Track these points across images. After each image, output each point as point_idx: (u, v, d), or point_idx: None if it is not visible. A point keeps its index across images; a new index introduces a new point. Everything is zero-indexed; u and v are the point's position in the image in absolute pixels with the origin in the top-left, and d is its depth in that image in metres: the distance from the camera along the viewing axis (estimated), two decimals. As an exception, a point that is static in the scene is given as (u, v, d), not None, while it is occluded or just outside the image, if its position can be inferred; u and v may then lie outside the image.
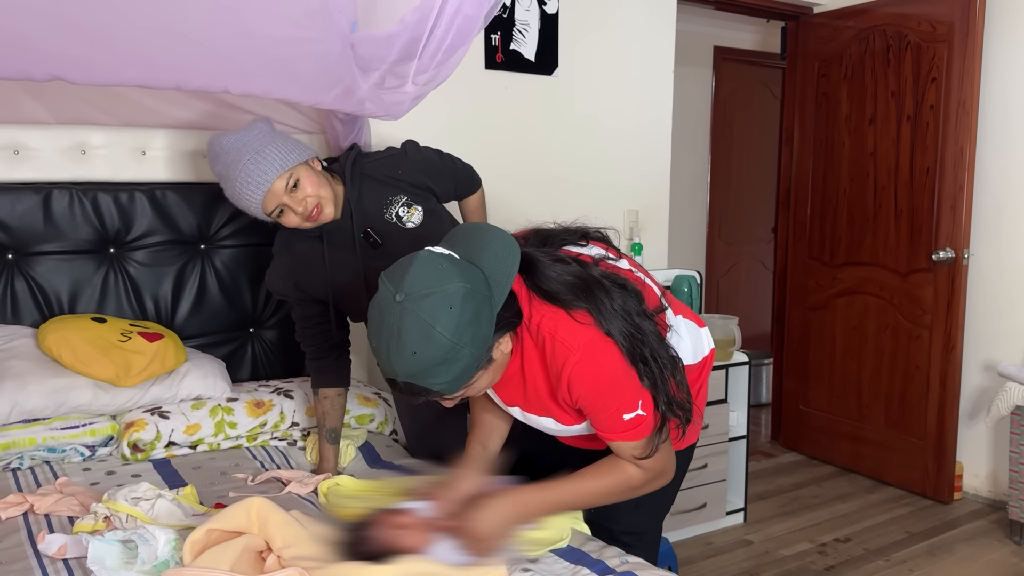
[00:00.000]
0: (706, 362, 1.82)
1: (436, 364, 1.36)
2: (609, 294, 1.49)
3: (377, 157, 2.17)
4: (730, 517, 3.56)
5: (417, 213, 2.12)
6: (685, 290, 3.45)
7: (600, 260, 1.60)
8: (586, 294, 1.48)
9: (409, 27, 1.76)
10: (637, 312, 1.51)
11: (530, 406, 1.64)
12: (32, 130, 2.42)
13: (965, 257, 3.69)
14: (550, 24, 3.31)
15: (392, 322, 1.37)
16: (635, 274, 1.67)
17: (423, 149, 2.23)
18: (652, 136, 3.68)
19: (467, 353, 1.37)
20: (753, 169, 5.88)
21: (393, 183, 2.13)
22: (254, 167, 1.91)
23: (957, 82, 3.63)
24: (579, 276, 1.51)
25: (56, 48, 1.62)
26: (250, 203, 1.96)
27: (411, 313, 1.35)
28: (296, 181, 1.96)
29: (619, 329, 1.48)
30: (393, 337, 1.37)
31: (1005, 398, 3.33)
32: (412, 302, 1.35)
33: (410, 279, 1.37)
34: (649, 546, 1.89)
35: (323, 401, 2.21)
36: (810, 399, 4.42)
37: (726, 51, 5.58)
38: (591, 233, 1.70)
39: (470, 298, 1.36)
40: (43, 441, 2.21)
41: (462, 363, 1.38)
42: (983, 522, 3.61)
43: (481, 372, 1.45)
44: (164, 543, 1.56)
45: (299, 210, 1.98)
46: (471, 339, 1.37)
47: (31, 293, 2.44)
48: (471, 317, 1.36)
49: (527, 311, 1.51)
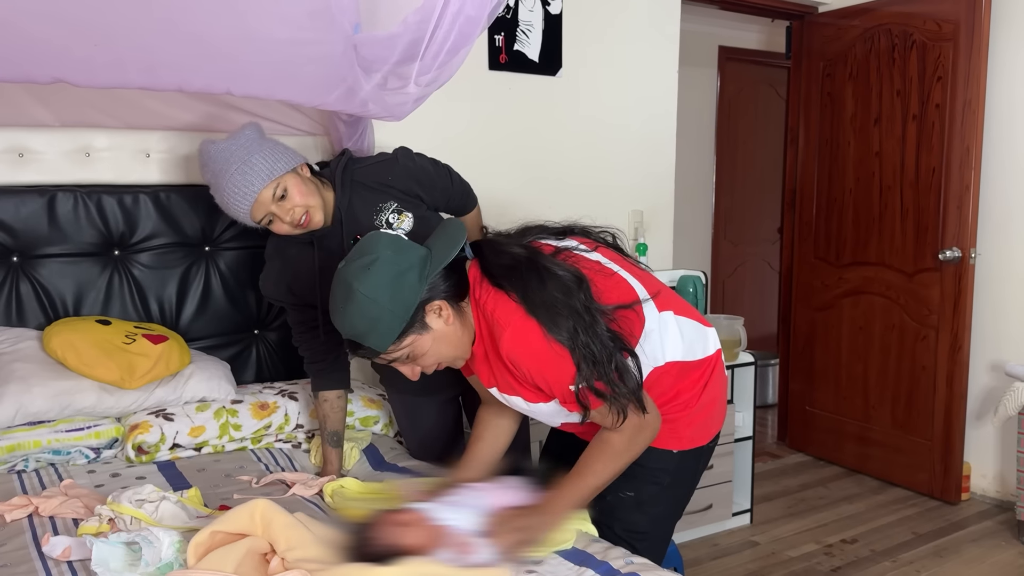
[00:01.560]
0: (710, 362, 1.82)
1: (358, 318, 1.57)
2: (541, 279, 1.61)
3: (367, 163, 2.17)
4: (736, 518, 3.55)
5: (407, 220, 2.11)
6: (690, 291, 3.44)
7: (562, 251, 1.71)
8: (516, 278, 1.62)
9: (411, 28, 1.76)
10: (567, 293, 1.60)
11: (500, 386, 1.73)
12: (36, 133, 2.42)
13: (972, 257, 3.67)
14: (554, 24, 3.31)
15: (334, 286, 1.62)
16: (604, 264, 1.75)
17: (416, 157, 2.21)
18: (656, 136, 3.67)
19: (385, 311, 1.56)
20: (758, 169, 5.87)
21: (383, 189, 2.12)
22: (240, 177, 1.92)
23: (963, 81, 3.62)
24: (517, 261, 1.65)
25: (59, 51, 1.63)
26: (238, 212, 1.97)
27: (341, 274, 1.60)
28: (284, 190, 1.96)
29: (543, 310, 1.59)
30: (334, 298, 1.61)
31: (1012, 398, 3.31)
32: (345, 266, 1.60)
33: (353, 250, 1.63)
34: (654, 549, 1.87)
35: (323, 404, 2.21)
36: (816, 400, 4.41)
37: (731, 51, 5.57)
38: (575, 228, 1.82)
39: (389, 263, 1.57)
40: (48, 443, 2.21)
41: (383, 321, 1.57)
42: (991, 523, 3.60)
43: (414, 336, 1.61)
44: (168, 545, 1.55)
45: (287, 219, 1.99)
46: (388, 298, 1.55)
47: (36, 296, 2.44)
48: (390, 279, 1.56)
49: (477, 292, 1.67)
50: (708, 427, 1.86)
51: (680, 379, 1.75)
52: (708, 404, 1.83)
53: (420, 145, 2.33)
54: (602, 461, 1.68)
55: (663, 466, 1.83)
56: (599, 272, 1.71)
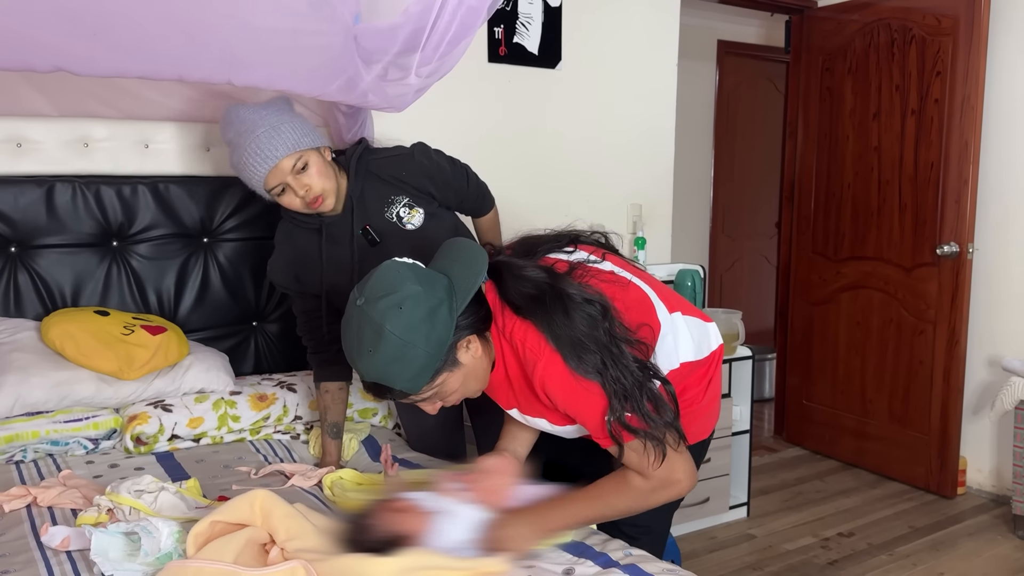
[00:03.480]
0: (713, 357, 1.80)
1: (391, 362, 1.45)
2: (566, 311, 1.51)
3: (383, 155, 2.15)
4: (733, 511, 3.55)
5: (418, 215, 2.10)
6: (689, 284, 3.44)
7: (576, 267, 1.62)
8: (541, 309, 1.52)
9: (412, 18, 1.75)
10: (593, 325, 1.51)
11: (524, 408, 1.67)
12: (35, 123, 2.42)
13: (969, 252, 3.68)
14: (553, 17, 3.30)
15: (353, 325, 1.49)
16: (618, 274, 1.67)
17: (434, 154, 2.18)
18: (655, 130, 3.67)
19: (420, 352, 1.45)
20: (757, 163, 5.87)
21: (396, 183, 2.10)
22: (266, 140, 1.90)
23: (962, 76, 3.62)
24: (540, 290, 1.54)
25: (58, 39, 1.62)
26: (253, 175, 1.94)
27: (367, 315, 1.46)
28: (305, 164, 1.95)
29: (570, 346, 1.50)
30: (354, 339, 1.49)
31: (1009, 393, 3.32)
32: (368, 305, 1.46)
33: (370, 285, 1.49)
34: (655, 543, 1.87)
35: (324, 395, 2.20)
36: (813, 394, 4.41)
37: (730, 45, 5.56)
38: (581, 237, 1.73)
39: (421, 299, 1.46)
40: (46, 434, 2.21)
41: (418, 362, 1.46)
42: (987, 517, 3.61)
43: (446, 374, 1.53)
44: (167, 535, 1.56)
45: (300, 193, 1.96)
46: (424, 338, 1.45)
47: (34, 286, 2.44)
48: (423, 317, 1.45)
49: (500, 320, 1.57)
50: (710, 421, 1.85)
51: (686, 377, 1.73)
52: (712, 400, 1.82)
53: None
54: (617, 496, 1.60)
55: None
56: (615, 283, 1.63)
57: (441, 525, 1.58)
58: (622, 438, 1.53)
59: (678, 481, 1.59)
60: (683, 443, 1.59)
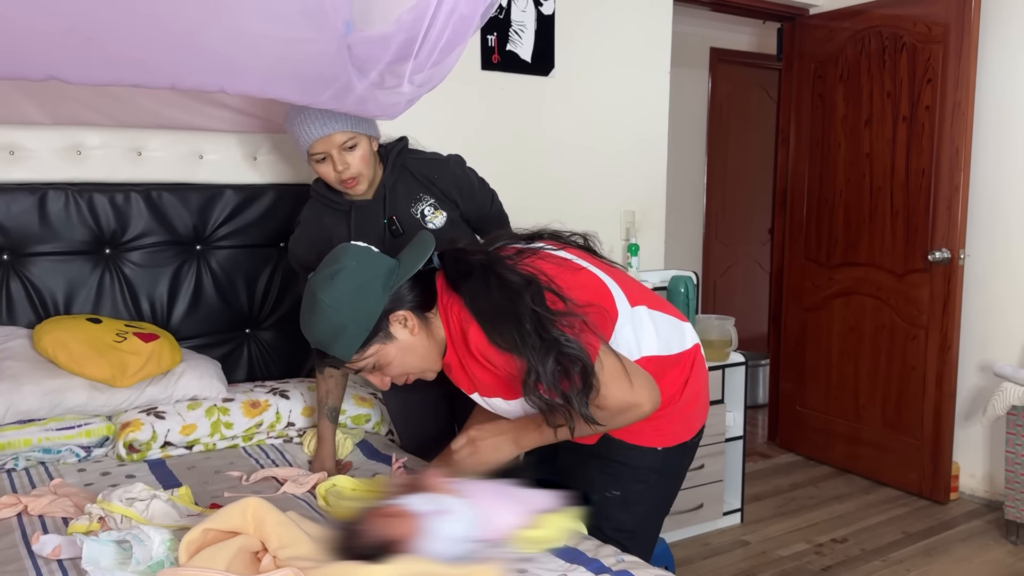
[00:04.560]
0: (687, 357, 1.81)
1: (324, 328, 1.62)
2: (487, 284, 1.61)
3: (420, 156, 2.26)
4: (727, 517, 3.56)
5: (441, 217, 2.19)
6: (682, 291, 3.45)
7: (525, 252, 1.70)
8: (465, 282, 1.65)
9: (405, 27, 1.76)
10: (513, 303, 1.58)
11: (481, 389, 1.74)
12: (27, 131, 2.42)
13: (961, 258, 3.69)
14: (546, 25, 3.31)
15: (304, 295, 1.68)
16: (570, 259, 1.73)
17: (468, 169, 2.28)
18: (648, 137, 3.68)
19: (348, 321, 1.61)
20: (749, 170, 5.89)
21: (427, 183, 2.21)
22: (329, 112, 2.02)
23: (953, 83, 3.64)
24: (471, 267, 1.65)
25: (52, 48, 1.62)
26: (306, 134, 2.05)
27: (309, 285, 1.65)
28: (355, 144, 2.07)
29: (487, 316, 1.60)
30: (303, 308, 1.67)
31: (1001, 398, 3.33)
32: (313, 277, 1.66)
33: (323, 261, 1.68)
34: (642, 546, 1.88)
35: (328, 380, 2.24)
36: (807, 400, 4.42)
37: (722, 52, 5.59)
38: (543, 234, 1.81)
39: (354, 273, 1.62)
40: (38, 442, 2.20)
41: (347, 331, 1.61)
42: (979, 522, 3.62)
43: (379, 346, 1.65)
44: (159, 543, 1.55)
45: (339, 168, 2.07)
46: (351, 308, 1.60)
47: (26, 294, 2.43)
48: (353, 290, 1.61)
49: (444, 299, 1.69)
50: (691, 422, 1.85)
51: (660, 376, 1.73)
52: (691, 400, 1.82)
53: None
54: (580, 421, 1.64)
55: (649, 464, 1.82)
56: (562, 266, 1.69)
57: (433, 527, 1.59)
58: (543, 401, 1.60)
59: (638, 403, 1.64)
60: (636, 370, 1.64)
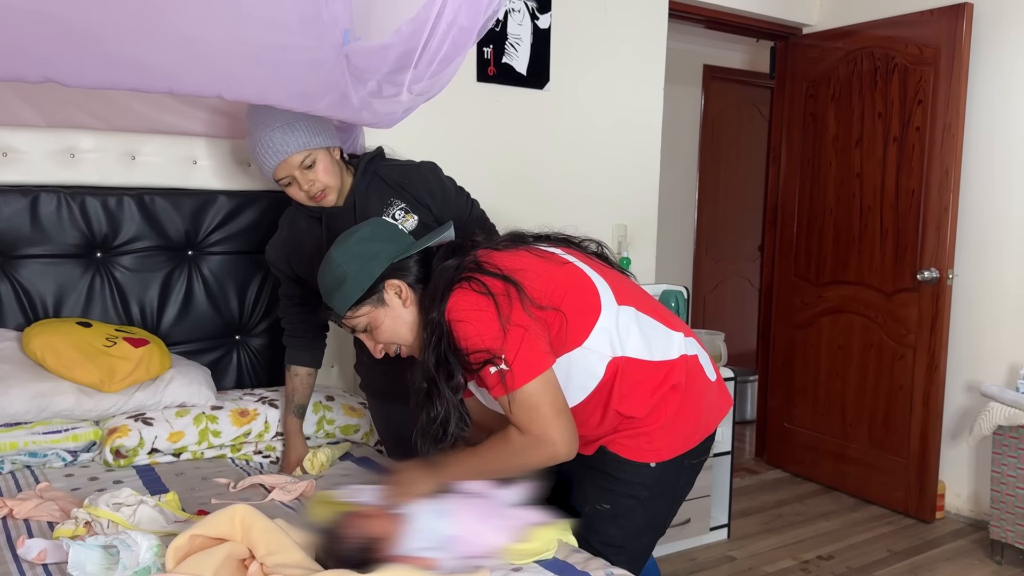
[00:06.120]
0: (672, 366, 1.76)
1: (327, 279, 1.73)
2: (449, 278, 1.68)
3: (393, 163, 2.28)
4: (714, 533, 3.56)
5: (412, 220, 2.18)
6: (672, 305, 3.46)
7: (516, 243, 1.80)
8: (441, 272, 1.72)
9: (404, 38, 1.77)
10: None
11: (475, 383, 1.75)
12: (21, 132, 2.41)
13: (949, 277, 3.72)
14: (542, 39, 3.33)
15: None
16: (558, 254, 1.79)
17: (442, 176, 2.28)
18: (641, 152, 3.70)
19: (348, 278, 1.70)
20: (740, 187, 5.92)
21: (398, 189, 2.22)
22: (280, 135, 2.04)
23: (943, 104, 3.68)
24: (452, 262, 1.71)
25: (49, 50, 1.62)
26: (264, 164, 2.09)
27: (330, 246, 1.77)
28: (313, 162, 2.09)
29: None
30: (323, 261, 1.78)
31: (987, 418, 3.35)
32: (335, 241, 1.77)
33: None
34: (630, 563, 1.84)
35: (294, 378, 2.31)
36: (795, 417, 4.44)
37: (716, 70, 5.63)
38: (570, 240, 1.90)
39: (365, 239, 1.74)
40: (24, 445, 2.18)
41: (346, 286, 1.70)
42: (965, 541, 3.63)
43: (370, 307, 1.73)
44: (146, 549, 1.54)
45: (305, 188, 2.10)
46: (355, 267, 1.70)
47: (16, 296, 2.42)
48: (359, 251, 1.72)
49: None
50: (688, 435, 1.80)
51: (638, 381, 1.72)
52: (684, 413, 1.77)
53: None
54: (497, 449, 1.69)
55: (640, 480, 1.78)
56: (548, 259, 1.76)
57: (412, 523, 1.61)
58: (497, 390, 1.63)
59: (553, 442, 1.63)
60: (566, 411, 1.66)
